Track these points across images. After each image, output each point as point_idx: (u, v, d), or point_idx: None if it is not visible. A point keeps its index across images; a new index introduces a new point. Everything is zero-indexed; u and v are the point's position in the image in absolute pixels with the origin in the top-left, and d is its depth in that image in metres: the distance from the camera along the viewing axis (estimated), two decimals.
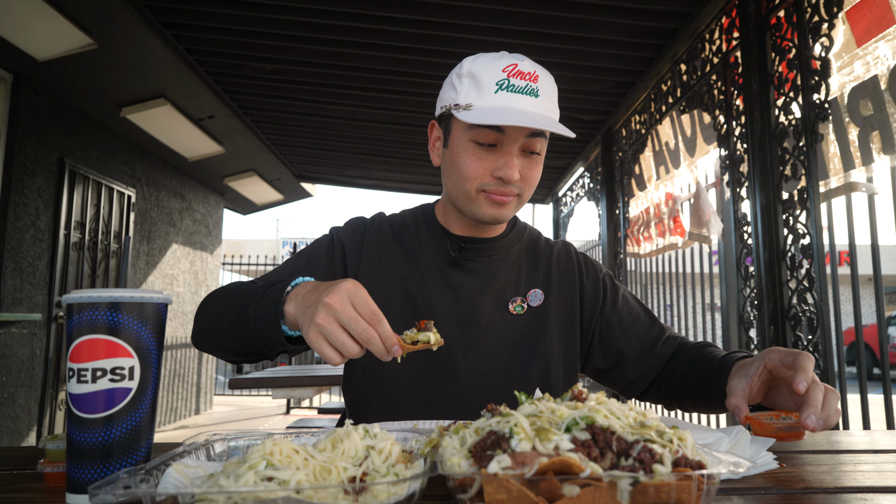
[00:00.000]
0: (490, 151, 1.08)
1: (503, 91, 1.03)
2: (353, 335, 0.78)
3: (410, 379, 1.14)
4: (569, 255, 1.29)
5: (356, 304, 0.79)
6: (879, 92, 1.98)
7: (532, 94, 1.04)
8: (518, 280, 1.22)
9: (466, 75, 1.07)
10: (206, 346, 1.08)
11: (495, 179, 1.07)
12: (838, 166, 2.16)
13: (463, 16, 3.12)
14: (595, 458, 0.55)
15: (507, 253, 1.23)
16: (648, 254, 4.15)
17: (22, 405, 4.20)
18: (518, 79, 1.04)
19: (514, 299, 1.19)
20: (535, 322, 1.19)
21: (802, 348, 2.29)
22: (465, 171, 1.08)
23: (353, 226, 1.25)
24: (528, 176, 1.10)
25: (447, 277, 1.18)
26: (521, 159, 1.09)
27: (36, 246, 4.29)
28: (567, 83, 3.89)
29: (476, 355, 1.15)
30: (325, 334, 0.78)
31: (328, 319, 0.78)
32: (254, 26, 3.37)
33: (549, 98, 1.08)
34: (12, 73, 3.92)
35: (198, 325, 1.08)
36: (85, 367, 0.63)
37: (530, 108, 1.04)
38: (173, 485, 0.58)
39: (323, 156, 6.12)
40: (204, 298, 1.09)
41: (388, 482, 0.56)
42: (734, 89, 2.77)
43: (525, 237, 1.29)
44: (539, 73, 1.07)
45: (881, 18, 1.96)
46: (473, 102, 1.04)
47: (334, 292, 0.79)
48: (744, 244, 2.67)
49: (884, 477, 0.75)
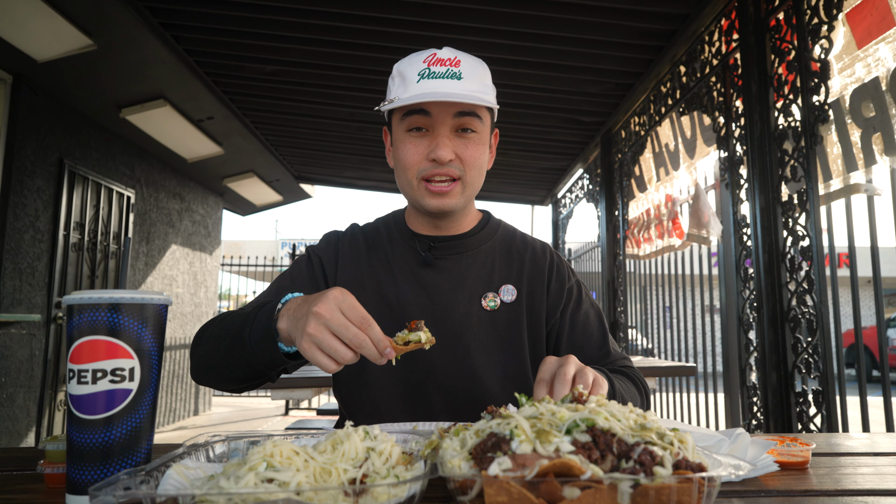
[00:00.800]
0: (423, 136, 1.11)
1: (424, 79, 1.07)
2: (345, 341, 0.79)
3: (392, 380, 1.16)
4: (543, 255, 1.29)
5: (345, 310, 0.80)
6: (881, 94, 1.98)
7: (453, 77, 1.07)
8: (490, 276, 1.23)
9: (396, 75, 1.13)
10: (208, 379, 1.07)
11: (430, 162, 1.10)
12: (841, 168, 2.16)
13: (462, 18, 3.13)
14: (596, 460, 0.55)
15: (479, 250, 1.25)
16: (648, 255, 4.15)
17: (21, 406, 4.19)
18: (438, 66, 1.08)
19: (487, 294, 1.20)
20: (509, 317, 1.20)
21: (802, 350, 2.29)
22: (403, 159, 1.12)
23: (327, 240, 1.29)
24: (466, 155, 1.11)
25: (419, 278, 1.20)
26: (455, 139, 1.11)
27: (35, 247, 4.29)
28: (566, 84, 3.90)
29: (454, 352, 1.16)
30: (317, 343, 0.79)
31: (319, 328, 0.79)
32: (253, 28, 3.38)
33: (475, 80, 1.10)
34: (12, 74, 3.92)
35: (195, 360, 1.08)
36: (85, 368, 0.63)
37: (452, 89, 1.06)
38: (173, 486, 0.58)
39: (322, 157, 6.12)
40: (196, 333, 1.09)
41: (388, 484, 0.56)
42: (734, 91, 2.78)
43: (499, 234, 1.30)
44: (462, 58, 1.10)
45: (881, 20, 1.97)
46: (399, 95, 1.09)
47: (323, 301, 0.80)
48: (743, 246, 2.67)
49: (884, 480, 0.74)
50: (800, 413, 2.31)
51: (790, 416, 2.34)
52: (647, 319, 4.77)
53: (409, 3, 3.03)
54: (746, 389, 2.69)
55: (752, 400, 2.67)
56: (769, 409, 2.43)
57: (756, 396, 2.64)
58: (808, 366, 2.27)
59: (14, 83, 3.95)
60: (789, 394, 2.35)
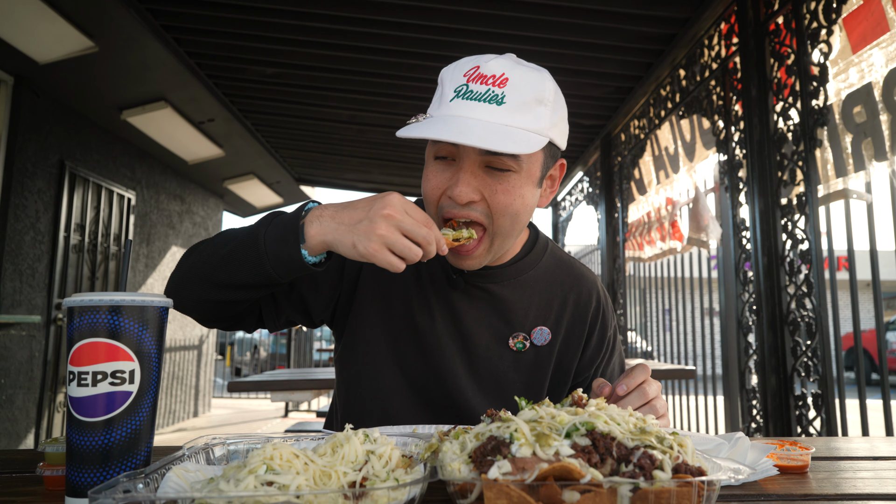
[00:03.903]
0: (448, 165, 0.95)
1: (458, 98, 0.90)
2: (416, 239, 0.83)
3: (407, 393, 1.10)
4: (588, 299, 1.15)
5: (410, 211, 0.84)
6: (873, 99, 1.98)
7: (493, 100, 0.88)
8: (525, 314, 1.10)
9: (440, 83, 0.97)
10: (187, 288, 0.96)
11: (449, 200, 0.93)
12: (831, 172, 2.17)
13: (462, 20, 3.13)
14: (595, 464, 0.55)
15: (518, 281, 1.10)
16: (651, 258, 4.16)
17: (20, 407, 4.19)
18: (479, 83, 0.89)
19: (517, 335, 1.09)
20: (536, 362, 1.10)
21: (801, 353, 2.29)
22: (425, 188, 0.97)
23: None
24: (494, 201, 0.92)
25: (447, 299, 1.09)
26: (483, 176, 0.92)
27: (35, 248, 4.29)
28: (567, 87, 3.88)
29: (467, 385, 1.08)
30: (389, 244, 0.82)
31: (391, 230, 0.82)
32: (254, 30, 3.38)
33: (520, 105, 0.89)
34: (13, 76, 3.92)
35: (179, 271, 0.98)
36: (85, 370, 0.63)
37: (487, 116, 0.87)
38: (173, 489, 0.58)
39: (322, 159, 6.13)
40: (189, 248, 1.01)
41: (388, 487, 0.56)
42: (733, 95, 2.78)
43: (544, 262, 1.14)
44: (511, 75, 0.89)
45: (876, 26, 1.97)
46: (432, 113, 0.93)
47: (389, 205, 0.83)
48: (742, 249, 2.67)
49: (883, 484, 0.75)
50: (799, 416, 2.31)
51: (789, 419, 2.34)
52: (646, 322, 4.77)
53: (409, 6, 3.04)
54: (746, 393, 2.68)
55: (751, 403, 2.67)
56: (768, 412, 2.43)
57: (755, 400, 2.64)
58: (807, 369, 2.27)
59: (15, 85, 3.95)
60: (789, 397, 2.35)
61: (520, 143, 0.87)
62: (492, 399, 1.09)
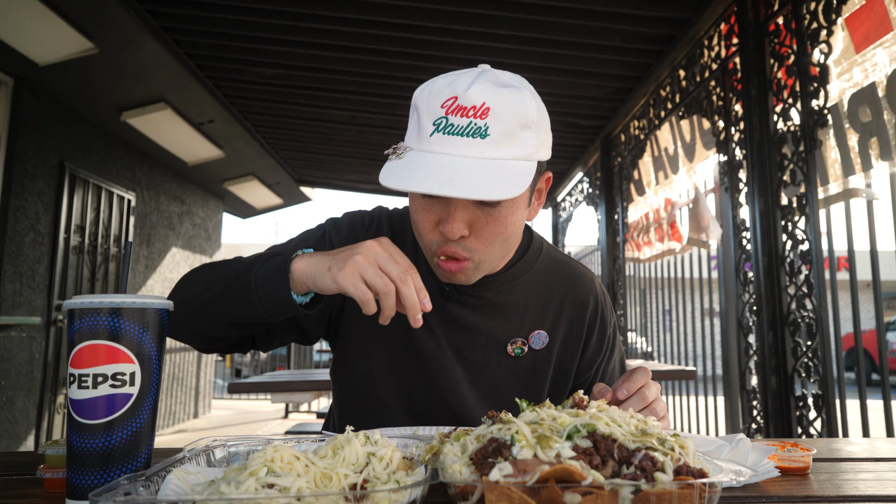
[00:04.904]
0: (437, 202, 0.90)
1: (439, 133, 0.84)
2: (389, 274, 0.80)
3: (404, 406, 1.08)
4: (587, 299, 1.13)
5: (394, 253, 0.83)
6: (877, 99, 1.99)
7: (477, 133, 0.83)
8: (522, 319, 1.08)
9: (413, 108, 0.90)
10: (181, 323, 0.96)
11: (442, 236, 0.91)
12: (839, 172, 2.17)
13: (462, 21, 3.13)
14: (597, 465, 0.55)
15: (513, 286, 1.08)
16: (649, 259, 4.16)
17: (20, 409, 4.19)
18: (458, 116, 0.83)
19: (515, 340, 1.07)
20: (535, 365, 1.09)
21: (801, 354, 2.29)
22: (416, 225, 0.94)
23: (350, 226, 1.11)
24: (483, 232, 0.90)
25: (441, 310, 1.06)
26: (473, 209, 0.89)
27: (35, 249, 4.29)
28: (566, 88, 3.91)
29: (467, 395, 1.07)
30: (361, 271, 0.79)
31: (368, 258, 0.80)
32: (254, 31, 3.38)
33: (505, 136, 0.84)
34: (13, 77, 3.93)
35: (175, 298, 0.96)
36: (86, 372, 0.63)
37: (472, 152, 0.83)
38: (174, 491, 0.58)
39: (322, 160, 6.13)
40: (181, 278, 0.99)
41: (389, 489, 0.56)
42: (733, 95, 2.78)
43: (539, 264, 1.11)
44: (491, 103, 0.83)
45: (879, 25, 1.97)
46: (412, 146, 0.88)
47: (376, 241, 0.83)
48: (743, 250, 2.67)
49: (885, 486, 0.74)
50: (800, 417, 2.31)
51: (790, 419, 2.34)
52: (646, 323, 4.77)
53: (410, 7, 3.04)
54: (746, 393, 2.68)
55: (751, 404, 2.67)
56: (769, 412, 2.43)
57: (756, 400, 2.64)
58: (807, 369, 2.27)
59: (15, 86, 3.96)
60: (789, 398, 2.35)
61: (511, 181, 0.83)
62: (491, 405, 1.08)
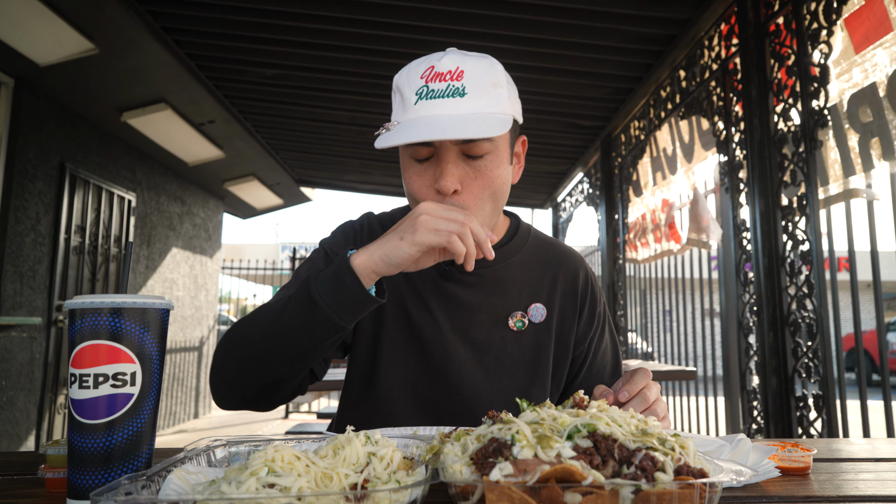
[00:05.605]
0: (428, 165, 0.98)
1: (423, 100, 0.93)
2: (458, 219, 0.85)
3: (409, 396, 1.09)
4: (576, 273, 1.19)
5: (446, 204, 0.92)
6: (878, 99, 1.99)
7: (456, 93, 0.92)
8: (519, 293, 1.13)
9: (395, 90, 0.99)
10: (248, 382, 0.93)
11: (438, 194, 0.97)
12: (839, 172, 2.17)
13: (462, 22, 3.14)
14: (597, 465, 0.55)
15: (506, 264, 1.13)
16: (646, 259, 4.16)
17: (21, 409, 4.19)
18: (437, 82, 0.93)
19: (514, 314, 1.11)
20: (537, 339, 1.12)
21: (802, 354, 2.29)
22: (413, 193, 1.00)
23: (343, 233, 1.16)
24: (473, 187, 0.97)
25: (441, 289, 1.10)
26: (463, 165, 0.97)
27: (36, 250, 4.29)
28: (566, 89, 3.91)
29: (475, 374, 1.08)
30: (434, 225, 0.84)
31: (431, 213, 0.85)
32: (254, 32, 3.39)
33: (481, 93, 0.94)
34: (14, 78, 3.93)
35: (225, 370, 0.94)
36: (87, 372, 0.63)
37: (455, 110, 0.92)
38: (175, 491, 0.58)
39: (322, 160, 6.13)
40: (218, 347, 0.96)
41: (389, 489, 0.56)
42: (733, 95, 2.78)
43: (528, 244, 1.18)
44: (465, 67, 0.93)
45: (879, 26, 1.98)
46: (399, 119, 0.96)
47: (423, 202, 0.88)
48: (743, 250, 2.67)
49: (885, 486, 0.75)
50: (800, 417, 2.31)
51: (790, 420, 2.34)
52: (646, 323, 4.77)
53: (410, 7, 3.04)
54: (746, 394, 2.68)
55: (752, 404, 2.67)
56: (769, 413, 2.43)
57: (756, 401, 2.64)
58: (808, 370, 2.26)
59: (16, 87, 3.96)
60: (789, 398, 2.35)
61: (492, 126, 0.92)
62: (502, 384, 1.09)
